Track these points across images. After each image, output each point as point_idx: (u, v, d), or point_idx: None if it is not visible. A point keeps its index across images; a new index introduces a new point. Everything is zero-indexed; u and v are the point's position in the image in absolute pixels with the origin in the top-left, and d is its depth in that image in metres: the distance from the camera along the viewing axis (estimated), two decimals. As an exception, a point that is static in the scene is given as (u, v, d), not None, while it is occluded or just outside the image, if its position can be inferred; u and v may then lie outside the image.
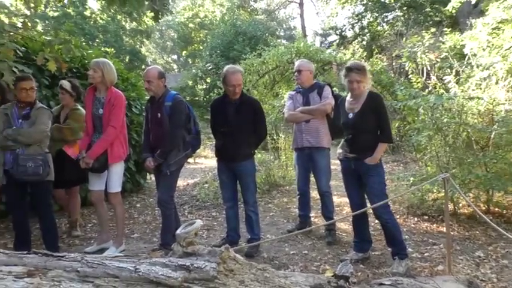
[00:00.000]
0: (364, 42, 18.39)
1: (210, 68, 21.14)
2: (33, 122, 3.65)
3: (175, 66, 43.59)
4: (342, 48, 15.92)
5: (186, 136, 3.91)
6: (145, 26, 27.41)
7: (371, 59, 9.26)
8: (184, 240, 1.86)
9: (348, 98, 3.54)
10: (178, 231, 1.91)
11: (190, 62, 34.24)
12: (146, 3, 3.76)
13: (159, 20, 4.04)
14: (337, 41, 20.60)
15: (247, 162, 3.88)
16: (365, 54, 13.25)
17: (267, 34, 19.38)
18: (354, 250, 3.66)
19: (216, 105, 4.04)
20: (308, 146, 4.25)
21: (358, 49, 14.69)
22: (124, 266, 1.64)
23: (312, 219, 4.78)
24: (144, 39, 29.90)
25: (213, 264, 1.75)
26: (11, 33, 2.71)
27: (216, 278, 1.69)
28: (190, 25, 32.48)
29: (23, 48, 4.91)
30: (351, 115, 3.44)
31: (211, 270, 1.70)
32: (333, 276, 2.01)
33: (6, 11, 3.34)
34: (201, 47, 30.07)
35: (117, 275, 1.60)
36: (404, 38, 9.07)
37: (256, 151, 4.30)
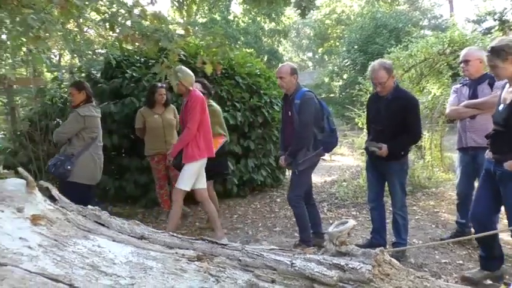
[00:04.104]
0: (531, 27, 15.86)
1: (347, 64, 20.73)
2: None
3: (310, 64, 43.95)
4: (501, 34, 14.00)
5: (317, 134, 3.79)
6: (283, 26, 28.19)
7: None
8: (337, 239, 1.83)
9: (508, 86, 2.86)
10: (330, 230, 1.90)
11: (326, 59, 34.11)
12: (293, 0, 3.82)
13: (305, 17, 4.08)
14: (496, 27, 18.17)
15: (396, 162, 3.62)
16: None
17: (409, 25, 18.12)
18: None
19: (369, 101, 3.92)
20: (473, 146, 3.71)
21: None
22: (281, 260, 1.69)
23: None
24: (282, 39, 30.75)
25: (369, 266, 1.69)
26: (176, 39, 3.04)
27: (371, 281, 1.64)
28: (327, 21, 32.29)
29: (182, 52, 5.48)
30: (501, 107, 2.80)
31: (367, 273, 1.65)
32: (505, 294, 1.77)
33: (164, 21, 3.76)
34: (337, 43, 29.69)
35: (275, 267, 1.66)
36: None
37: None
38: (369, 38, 18.66)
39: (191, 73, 4.06)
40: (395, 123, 3.53)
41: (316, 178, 8.43)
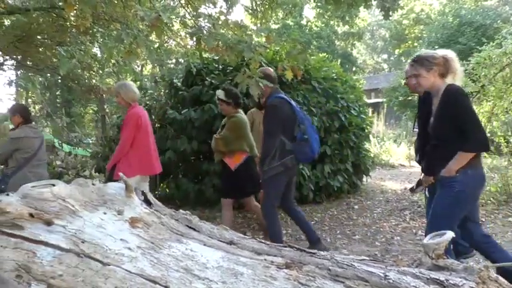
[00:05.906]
0: None
1: (426, 65, 19.66)
2: None
3: (385, 66, 42.44)
4: None
5: (286, 143, 3.62)
6: (357, 28, 27.50)
7: None
8: (434, 251, 1.71)
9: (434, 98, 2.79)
10: (425, 241, 1.78)
11: (404, 61, 32.69)
12: (375, 2, 3.70)
13: (389, 18, 3.92)
14: None
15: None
16: None
17: (498, 21, 16.73)
18: None
19: None
20: None
21: None
22: (373, 271, 1.62)
23: None
24: (356, 41, 30.01)
25: (472, 283, 1.55)
26: (258, 49, 3.06)
27: (475, 300, 1.50)
28: (404, 22, 30.97)
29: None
30: (431, 120, 2.76)
31: (470, 291, 1.51)
32: None
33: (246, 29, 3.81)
34: (415, 44, 28.32)
35: (367, 279, 1.59)
36: None
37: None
38: (451, 36, 17.48)
39: (135, 90, 4.06)
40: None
41: (396, 185, 8.08)
